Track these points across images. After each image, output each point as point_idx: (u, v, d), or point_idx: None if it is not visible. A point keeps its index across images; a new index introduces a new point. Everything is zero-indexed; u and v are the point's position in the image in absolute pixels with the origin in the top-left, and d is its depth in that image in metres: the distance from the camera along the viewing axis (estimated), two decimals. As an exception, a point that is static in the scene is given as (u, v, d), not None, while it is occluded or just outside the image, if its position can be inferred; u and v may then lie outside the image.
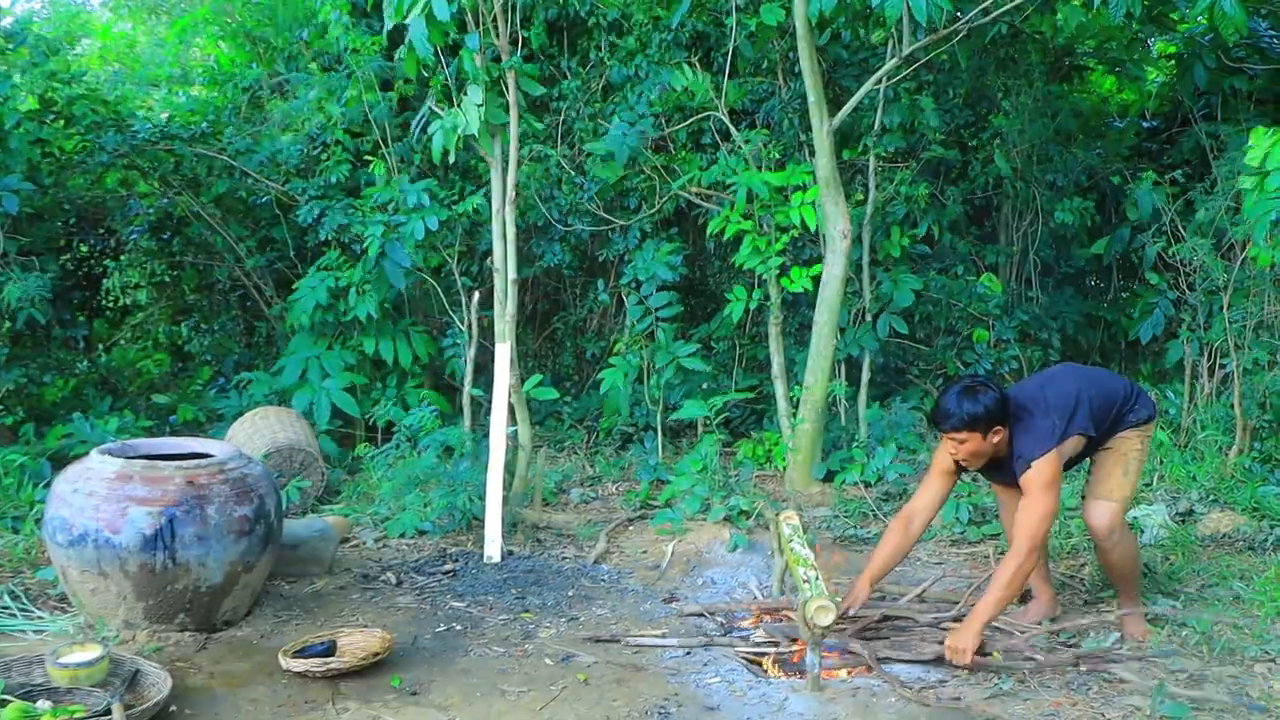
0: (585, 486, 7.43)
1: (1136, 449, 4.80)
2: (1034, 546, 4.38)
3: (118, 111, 8.60)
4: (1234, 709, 4.00)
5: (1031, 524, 4.38)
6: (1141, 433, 4.81)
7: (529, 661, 4.52)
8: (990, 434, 4.48)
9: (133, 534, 4.43)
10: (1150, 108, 10.47)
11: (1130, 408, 4.77)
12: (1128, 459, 4.76)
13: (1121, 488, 4.74)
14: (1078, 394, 4.64)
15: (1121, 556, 4.77)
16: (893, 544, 4.81)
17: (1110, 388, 4.78)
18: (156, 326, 10.30)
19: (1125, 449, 4.77)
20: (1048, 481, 4.41)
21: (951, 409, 4.49)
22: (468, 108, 6.13)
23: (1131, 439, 4.79)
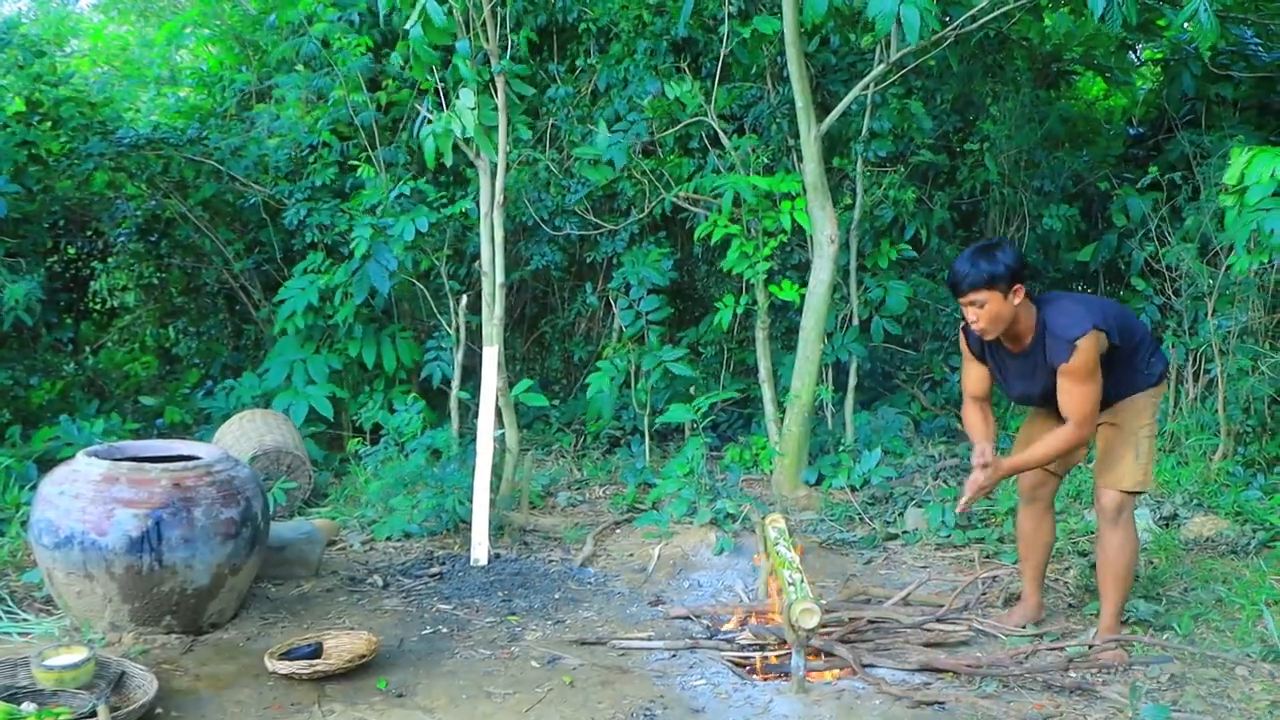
0: (572, 490, 7.44)
1: (1146, 424, 4.56)
2: (1088, 419, 4.34)
3: (105, 114, 8.60)
4: (1213, 710, 4.02)
5: (1083, 405, 4.31)
6: (1151, 397, 4.59)
7: (515, 664, 4.53)
8: (1011, 293, 4.27)
9: (119, 536, 4.43)
10: (1137, 114, 10.52)
11: (1148, 356, 4.56)
12: (1138, 439, 4.54)
13: (1134, 473, 4.53)
14: (1102, 303, 4.59)
15: (1118, 552, 4.57)
16: (981, 414, 4.78)
17: (1132, 319, 4.59)
18: (144, 329, 10.28)
19: (1134, 425, 4.54)
20: (1091, 369, 4.27)
21: (967, 269, 4.29)
22: (462, 111, 6.14)
23: (1142, 407, 4.55)
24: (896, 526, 6.65)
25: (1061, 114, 9.62)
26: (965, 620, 4.96)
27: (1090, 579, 5.44)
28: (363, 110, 8.07)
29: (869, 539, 6.41)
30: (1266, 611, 4.78)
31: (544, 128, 8.64)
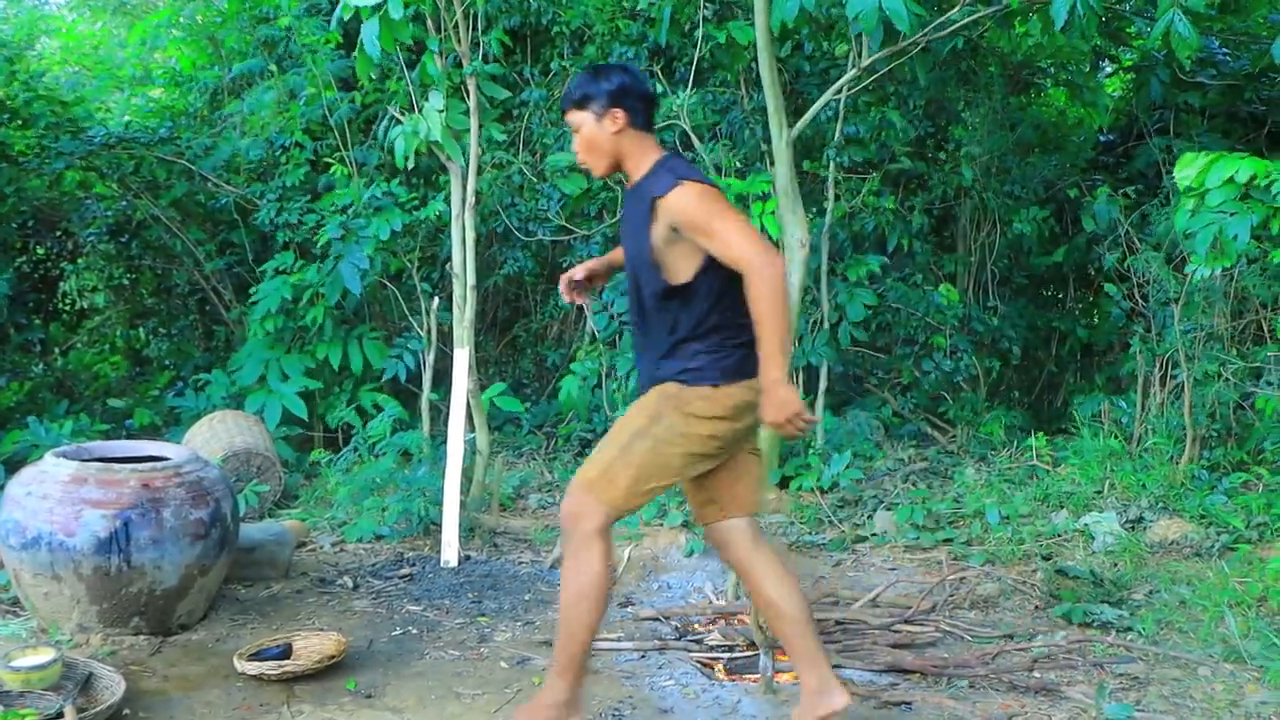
0: (543, 492, 7.44)
1: (643, 420, 3.58)
2: (759, 243, 3.37)
3: (76, 113, 8.56)
4: (1176, 710, 4.07)
5: (741, 234, 3.39)
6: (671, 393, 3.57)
7: (484, 665, 4.54)
8: (607, 117, 3.60)
9: (87, 537, 4.42)
10: (1106, 122, 10.60)
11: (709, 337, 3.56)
12: (620, 428, 3.61)
13: (613, 473, 3.53)
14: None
15: (579, 582, 3.56)
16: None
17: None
18: (114, 330, 10.23)
19: (629, 414, 3.66)
20: (711, 198, 3.44)
21: (569, 86, 3.70)
22: (429, 113, 6.15)
23: (668, 403, 3.57)
24: (865, 529, 6.69)
25: (1033, 120, 9.69)
26: (933, 622, 5.00)
27: (1056, 583, 5.50)
28: (336, 109, 8.05)
29: (838, 541, 6.44)
30: (1229, 613, 4.84)
31: (517, 130, 8.65)
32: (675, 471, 3.57)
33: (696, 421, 3.52)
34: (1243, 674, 4.42)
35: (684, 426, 3.52)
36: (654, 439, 3.51)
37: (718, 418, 3.54)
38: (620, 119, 3.59)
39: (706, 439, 3.55)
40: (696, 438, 3.53)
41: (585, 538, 3.52)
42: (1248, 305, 7.26)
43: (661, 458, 3.52)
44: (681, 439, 3.52)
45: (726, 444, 3.61)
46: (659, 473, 3.54)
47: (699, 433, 3.53)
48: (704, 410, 3.53)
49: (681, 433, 3.52)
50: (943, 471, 7.84)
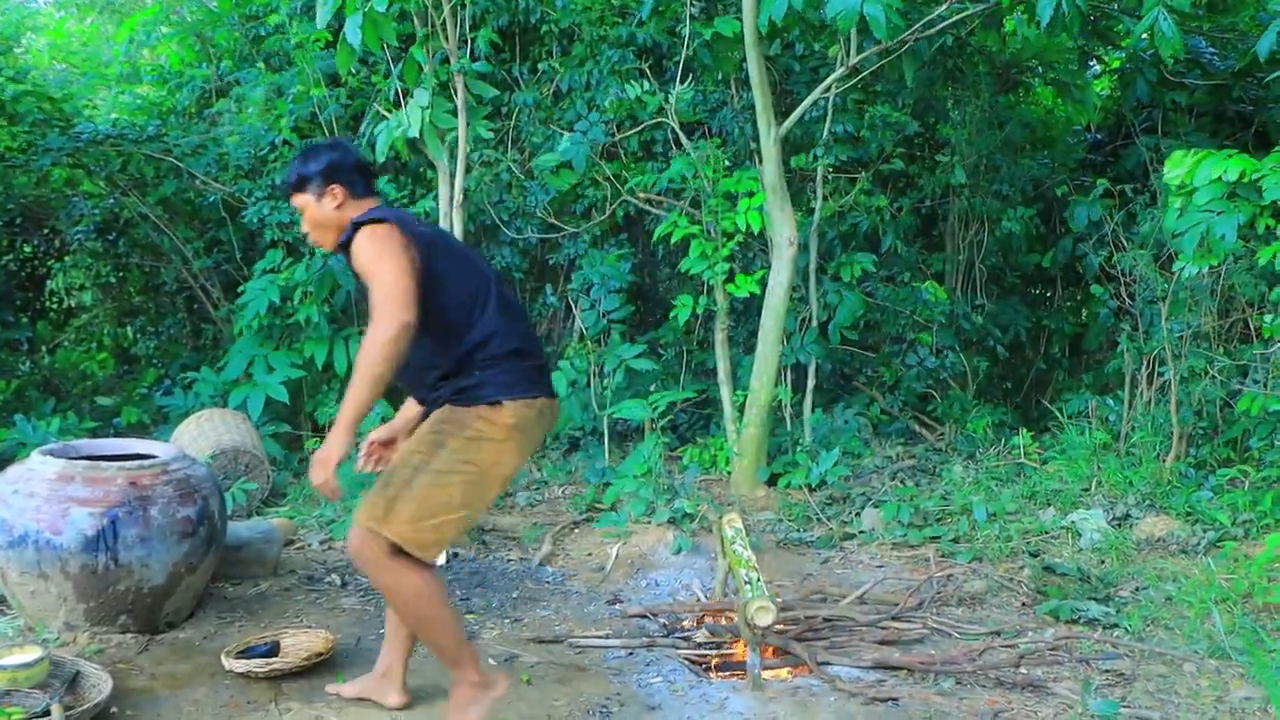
0: (531, 489, 7.45)
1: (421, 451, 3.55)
2: (390, 301, 3.32)
3: (63, 109, 8.54)
4: (1161, 705, 4.08)
5: (381, 288, 3.36)
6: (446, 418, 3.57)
7: (472, 662, 4.54)
8: (326, 195, 3.68)
9: (74, 535, 4.41)
10: (1094, 121, 10.63)
11: (478, 356, 3.56)
12: (400, 463, 3.59)
13: (396, 509, 3.48)
14: (470, 252, 3.84)
15: (403, 600, 3.58)
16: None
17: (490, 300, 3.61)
18: (101, 328, 10.21)
19: (408, 446, 3.65)
20: (381, 245, 3.43)
21: (287, 172, 3.75)
22: (412, 110, 6.15)
23: (450, 429, 3.55)
24: (853, 526, 6.71)
25: (1021, 119, 9.72)
26: (920, 619, 5.02)
27: (1043, 580, 5.52)
28: (325, 107, 8.05)
29: (826, 539, 6.46)
30: (1215, 610, 4.86)
31: (506, 129, 8.64)
32: (461, 504, 3.54)
33: (477, 444, 3.54)
34: (1228, 670, 4.44)
35: (466, 451, 3.53)
36: (434, 472, 3.50)
37: (494, 439, 3.55)
38: (339, 194, 3.67)
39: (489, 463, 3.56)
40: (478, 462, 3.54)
41: (385, 571, 3.52)
42: (1234, 304, 7.29)
43: (443, 491, 3.51)
44: (466, 463, 3.53)
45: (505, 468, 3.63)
46: (444, 507, 3.51)
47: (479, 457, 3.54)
48: (485, 430, 3.54)
49: (464, 459, 3.52)
50: (930, 469, 7.86)
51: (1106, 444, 7.40)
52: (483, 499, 3.66)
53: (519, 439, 3.59)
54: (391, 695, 3.98)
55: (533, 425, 3.62)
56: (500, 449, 3.55)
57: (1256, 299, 7.05)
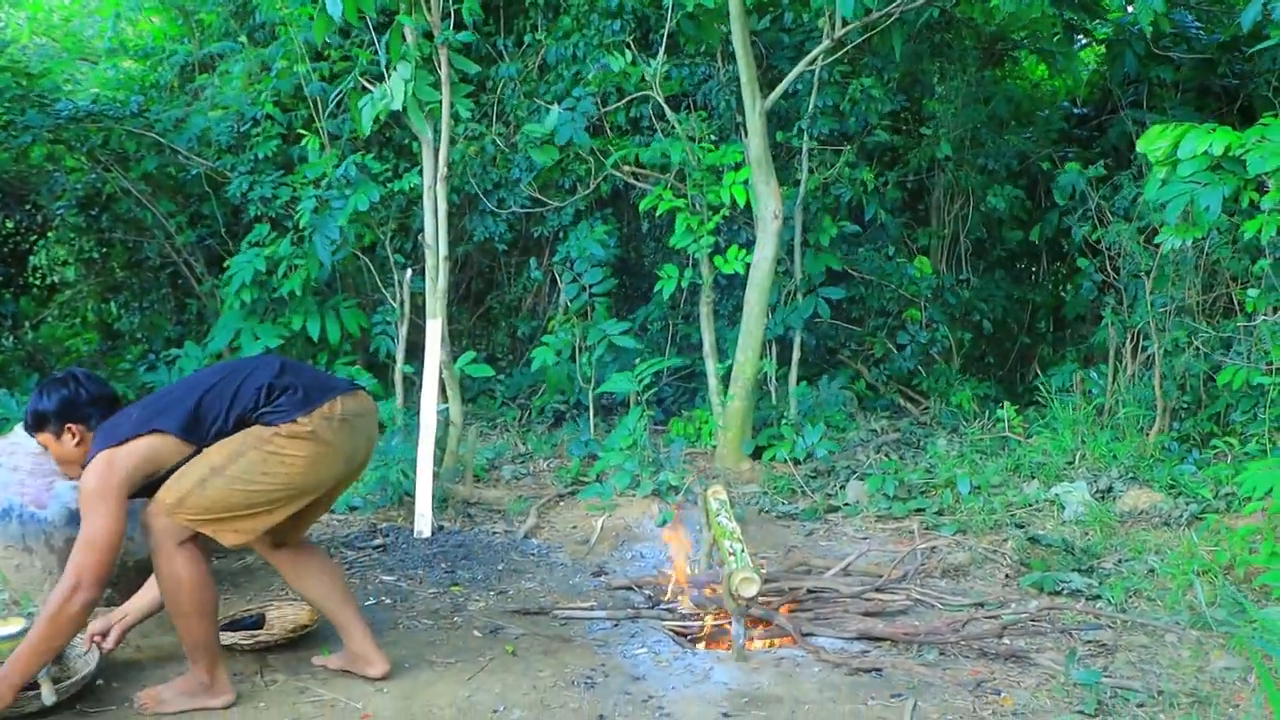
0: (517, 463, 7.45)
1: (219, 457, 3.63)
2: (84, 578, 3.45)
3: (43, 85, 8.49)
4: (1143, 675, 4.11)
5: (83, 544, 3.48)
6: (255, 437, 3.66)
7: (457, 634, 4.54)
8: (65, 433, 3.77)
9: (59, 509, 4.40)
10: (1080, 95, 10.63)
11: (270, 403, 3.68)
12: (199, 460, 3.65)
13: (187, 501, 3.61)
14: (200, 382, 3.78)
15: (163, 578, 3.67)
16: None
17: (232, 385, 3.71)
18: (85, 304, 10.18)
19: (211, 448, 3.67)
20: (97, 492, 3.50)
21: (26, 411, 3.84)
22: (395, 83, 6.11)
23: (250, 441, 3.65)
24: (838, 499, 6.73)
25: (1007, 93, 9.71)
26: (904, 590, 5.03)
27: (1026, 551, 5.54)
28: (308, 82, 8.01)
29: (810, 511, 6.48)
30: (1196, 581, 4.88)
31: (490, 102, 8.61)
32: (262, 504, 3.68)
33: (276, 459, 3.65)
34: (1209, 640, 4.46)
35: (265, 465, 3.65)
36: (230, 477, 3.61)
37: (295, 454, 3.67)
38: (77, 431, 3.77)
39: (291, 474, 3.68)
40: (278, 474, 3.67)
41: (162, 547, 3.64)
42: (1218, 278, 7.31)
43: (237, 494, 3.63)
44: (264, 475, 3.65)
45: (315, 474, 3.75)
46: (239, 507, 3.65)
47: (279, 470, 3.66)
48: (284, 446, 3.66)
49: (263, 471, 3.65)
50: (915, 442, 7.89)
51: (1090, 418, 7.43)
52: (289, 502, 3.76)
53: (324, 445, 3.72)
54: (371, 668, 4.04)
55: (337, 430, 3.74)
56: (303, 459, 3.69)
57: (1240, 273, 7.06)
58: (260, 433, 3.64)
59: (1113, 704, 3.83)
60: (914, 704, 3.87)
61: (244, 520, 3.68)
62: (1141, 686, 3.95)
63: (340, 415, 3.74)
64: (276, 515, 3.74)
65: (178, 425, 3.60)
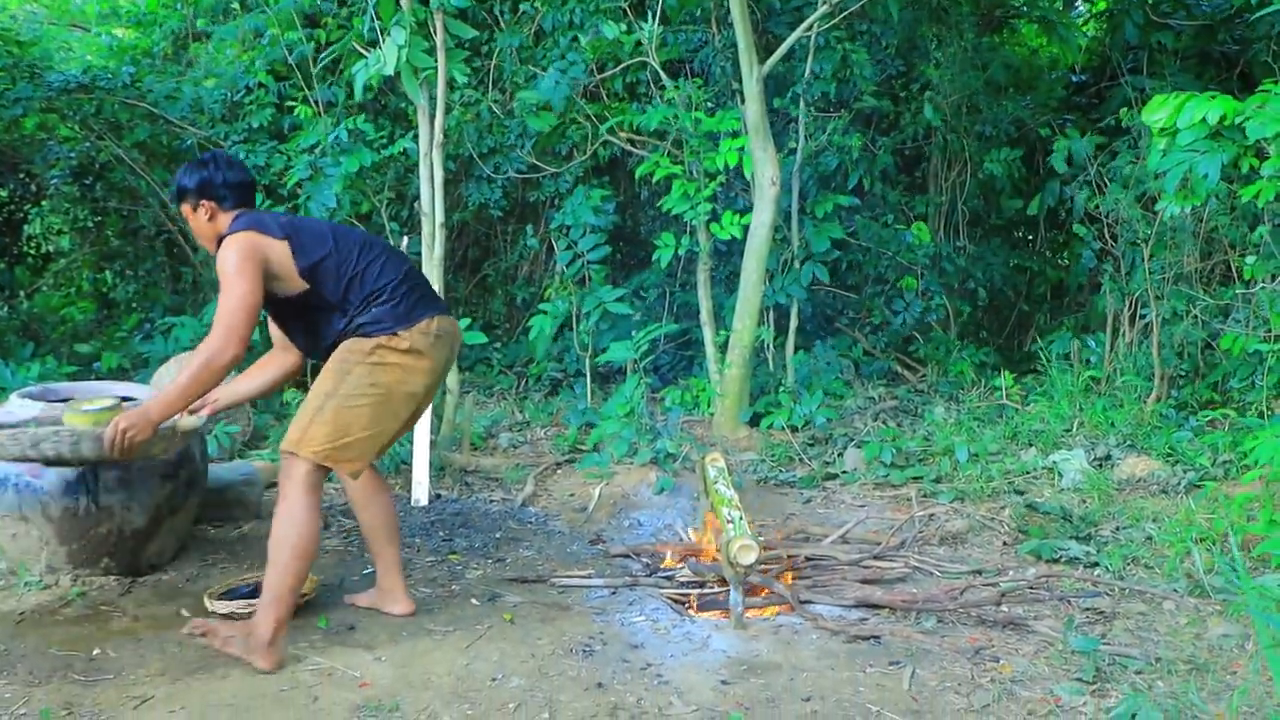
0: (514, 431, 7.45)
1: (331, 385, 3.91)
2: (226, 326, 3.72)
3: (34, 54, 8.42)
4: (1140, 642, 4.12)
5: (222, 308, 3.75)
6: (353, 354, 3.94)
7: (455, 602, 4.54)
8: (200, 209, 4.04)
9: (54, 478, 4.39)
10: (1079, 62, 10.59)
11: (364, 301, 3.95)
12: (319, 397, 3.91)
13: (301, 433, 3.88)
14: (308, 223, 4.10)
15: (277, 522, 3.87)
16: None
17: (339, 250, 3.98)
18: (80, 273, 10.14)
19: (322, 382, 3.95)
20: (234, 266, 3.76)
21: (174, 181, 4.16)
22: (389, 48, 6.07)
23: (337, 363, 3.95)
24: (835, 466, 6.73)
25: (1004, 60, 9.66)
26: (902, 557, 5.03)
27: (1024, 518, 5.55)
28: (299, 48, 7.95)
29: (808, 479, 6.48)
30: (1194, 548, 4.88)
31: (486, 68, 8.55)
32: (370, 423, 3.93)
33: (381, 369, 3.93)
34: (1206, 607, 4.47)
35: (371, 376, 3.93)
36: (342, 396, 3.89)
37: (396, 363, 3.96)
38: (210, 208, 4.05)
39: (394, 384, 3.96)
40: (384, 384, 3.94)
41: (291, 489, 3.87)
42: (1216, 246, 7.29)
43: (352, 412, 3.90)
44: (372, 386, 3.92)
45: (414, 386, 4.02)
46: (355, 427, 3.90)
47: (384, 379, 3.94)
48: (386, 356, 3.94)
49: (370, 383, 3.92)
50: (912, 410, 7.89)
51: (1088, 385, 7.42)
52: (394, 418, 4.02)
53: (421, 359, 4.00)
54: (397, 605, 4.32)
55: (432, 345, 4.02)
56: (403, 370, 3.97)
57: (1238, 240, 7.05)
58: (361, 345, 3.93)
59: (1111, 671, 3.84)
60: (912, 671, 3.87)
61: (361, 443, 3.92)
62: (1139, 654, 3.96)
63: (435, 332, 4.03)
64: (387, 432, 4.03)
65: (306, 262, 3.91)
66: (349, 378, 3.89)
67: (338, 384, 3.89)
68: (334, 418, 3.86)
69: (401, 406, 4.01)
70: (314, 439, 3.84)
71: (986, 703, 3.63)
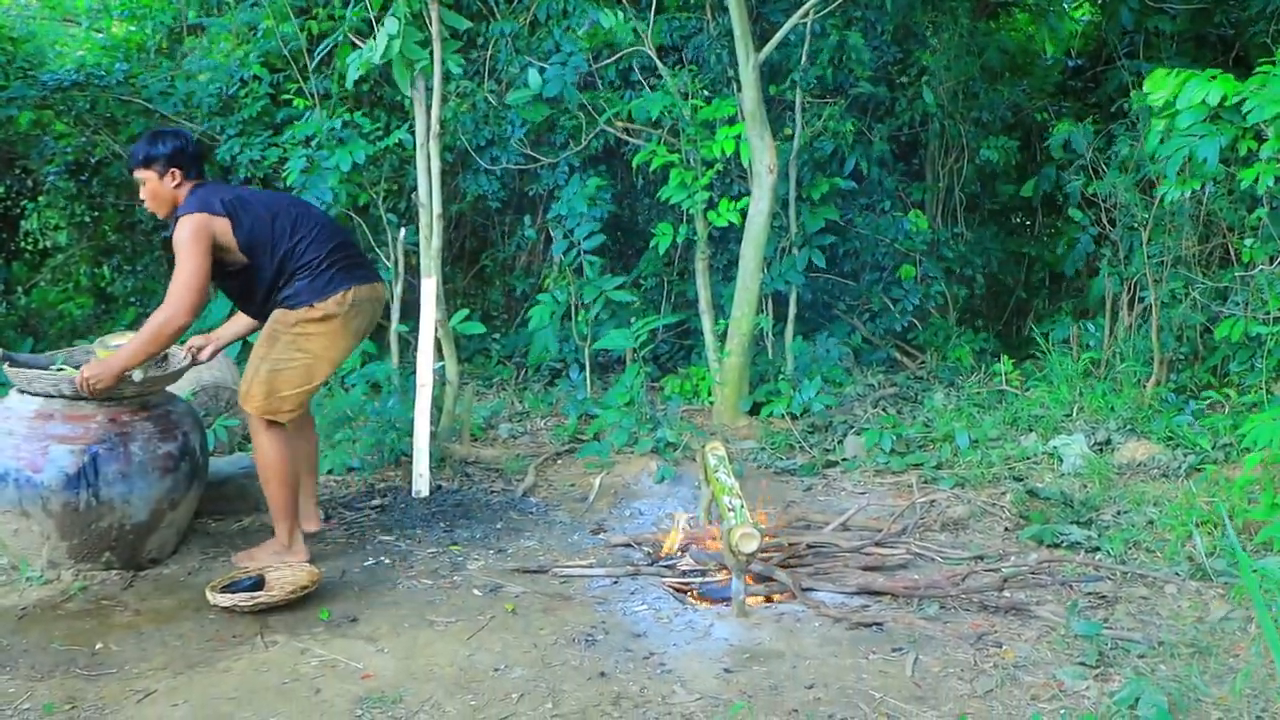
0: (514, 422, 7.44)
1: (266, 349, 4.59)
2: (177, 299, 4.29)
3: (27, 51, 8.40)
4: (1143, 626, 4.12)
5: (175, 282, 4.32)
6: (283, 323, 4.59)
7: (457, 593, 4.54)
8: (168, 176, 4.51)
9: (55, 473, 4.39)
10: (1075, 46, 10.57)
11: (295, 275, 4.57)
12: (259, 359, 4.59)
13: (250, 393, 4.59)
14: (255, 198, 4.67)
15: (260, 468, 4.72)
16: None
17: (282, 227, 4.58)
18: (78, 268, 10.12)
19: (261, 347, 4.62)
20: (186, 246, 4.32)
21: (133, 149, 4.61)
22: (381, 38, 6.05)
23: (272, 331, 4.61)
24: (836, 454, 6.72)
25: (1000, 45, 9.64)
26: (903, 544, 5.03)
27: (1025, 504, 5.55)
28: (293, 41, 7.93)
29: (809, 466, 6.47)
30: (1196, 532, 4.89)
31: (481, 59, 8.52)
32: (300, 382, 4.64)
33: (304, 338, 4.59)
34: (1208, 591, 4.47)
35: (295, 344, 4.59)
36: (273, 360, 4.58)
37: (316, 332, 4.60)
38: (178, 176, 4.55)
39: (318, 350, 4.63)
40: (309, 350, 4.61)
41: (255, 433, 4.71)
42: (1214, 229, 7.28)
43: (281, 375, 4.59)
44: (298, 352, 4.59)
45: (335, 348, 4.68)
46: (285, 385, 4.60)
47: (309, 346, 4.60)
48: (307, 328, 4.58)
49: (296, 350, 4.59)
50: (912, 397, 7.89)
51: (1088, 370, 7.42)
52: (321, 374, 4.70)
53: (339, 324, 4.62)
54: (308, 523, 5.01)
55: (348, 314, 4.63)
56: (325, 336, 4.60)
57: (1236, 223, 7.04)
58: (286, 317, 4.57)
59: (1113, 655, 3.84)
60: (915, 657, 3.88)
61: (293, 398, 4.63)
62: (1142, 637, 3.96)
63: (351, 301, 4.63)
64: (316, 384, 4.71)
65: (243, 238, 4.48)
66: (277, 344, 4.58)
67: (269, 350, 4.58)
68: (268, 379, 4.57)
69: (327, 365, 4.68)
70: (254, 396, 4.59)
71: (990, 688, 3.63)
